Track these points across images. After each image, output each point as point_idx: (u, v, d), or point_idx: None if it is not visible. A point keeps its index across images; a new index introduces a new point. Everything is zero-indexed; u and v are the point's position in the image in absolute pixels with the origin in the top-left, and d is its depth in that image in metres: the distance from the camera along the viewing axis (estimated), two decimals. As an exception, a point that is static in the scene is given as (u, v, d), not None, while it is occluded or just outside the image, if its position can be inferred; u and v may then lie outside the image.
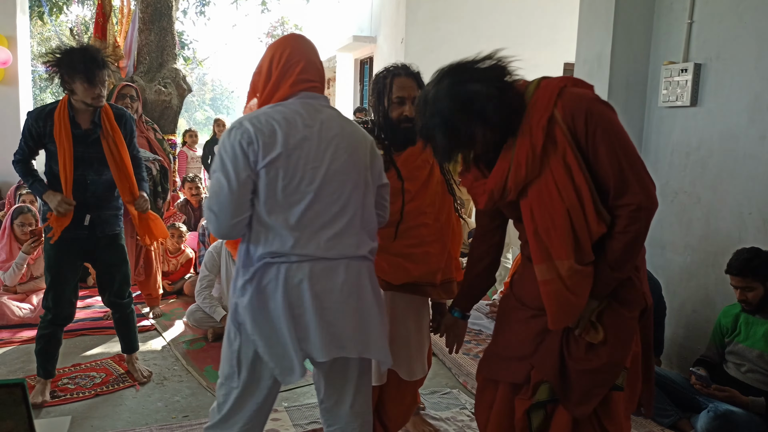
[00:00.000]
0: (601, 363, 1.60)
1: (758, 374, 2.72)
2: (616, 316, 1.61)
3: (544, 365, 1.65)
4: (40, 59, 8.99)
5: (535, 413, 1.67)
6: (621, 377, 1.63)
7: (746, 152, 3.06)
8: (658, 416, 2.84)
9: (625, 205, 1.51)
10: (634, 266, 1.59)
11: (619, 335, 1.61)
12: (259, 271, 1.61)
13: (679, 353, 3.43)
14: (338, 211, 1.65)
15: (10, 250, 4.17)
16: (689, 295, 3.38)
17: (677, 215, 3.47)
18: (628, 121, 3.68)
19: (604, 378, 1.62)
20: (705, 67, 3.27)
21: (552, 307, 1.58)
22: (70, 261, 2.92)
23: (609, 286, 1.58)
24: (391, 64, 2.23)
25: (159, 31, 7.14)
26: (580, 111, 1.51)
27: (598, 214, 1.52)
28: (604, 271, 1.56)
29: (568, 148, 1.51)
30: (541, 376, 1.66)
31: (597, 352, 1.60)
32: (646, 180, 1.53)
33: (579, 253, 1.54)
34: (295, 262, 1.59)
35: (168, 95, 6.97)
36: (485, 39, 8.23)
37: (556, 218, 1.53)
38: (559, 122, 1.52)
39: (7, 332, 3.81)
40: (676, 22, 3.44)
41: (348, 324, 1.64)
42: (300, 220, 1.60)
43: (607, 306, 1.61)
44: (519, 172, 1.55)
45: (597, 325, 1.60)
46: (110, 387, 3.09)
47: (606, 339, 1.60)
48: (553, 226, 1.54)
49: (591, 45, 3.79)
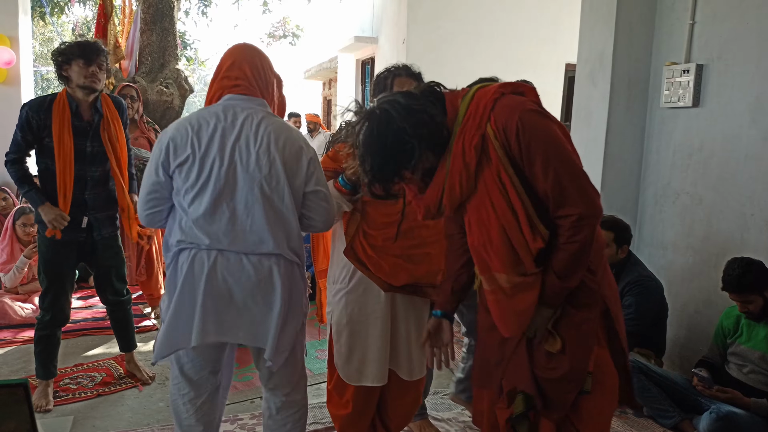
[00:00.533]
0: (563, 372, 1.59)
1: (760, 375, 2.72)
2: (572, 324, 1.59)
3: (516, 375, 1.66)
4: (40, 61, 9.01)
5: (520, 425, 1.66)
6: (587, 382, 1.61)
7: (748, 153, 3.06)
8: (660, 417, 2.84)
9: (566, 216, 1.49)
10: (581, 275, 1.55)
11: (578, 342, 1.59)
12: (175, 255, 1.82)
13: (681, 354, 3.43)
14: (243, 209, 1.76)
15: (11, 251, 4.17)
16: (691, 296, 3.37)
17: (679, 216, 3.47)
18: (629, 122, 3.68)
19: (568, 385, 1.60)
20: (707, 67, 3.27)
21: (496, 316, 1.61)
22: (67, 263, 2.88)
23: (559, 296, 1.56)
24: (392, 64, 2.23)
25: (161, 32, 7.13)
26: (512, 124, 1.46)
27: (533, 230, 1.50)
28: (553, 281, 1.53)
29: (501, 165, 1.48)
30: (514, 386, 1.66)
31: (558, 361, 1.59)
32: (588, 189, 1.50)
33: (518, 266, 1.53)
34: (203, 249, 1.77)
35: (170, 96, 6.97)
36: (486, 39, 8.26)
37: (492, 234, 1.53)
38: (491, 139, 1.49)
39: (8, 332, 3.82)
40: (677, 23, 3.44)
41: (239, 313, 1.78)
42: (208, 214, 1.75)
43: (563, 314, 1.59)
44: (453, 192, 1.54)
45: (555, 334, 1.59)
46: (112, 387, 3.09)
47: (564, 347, 1.58)
48: (489, 241, 1.53)
49: (592, 45, 3.79)
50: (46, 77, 19.03)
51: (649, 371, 2.91)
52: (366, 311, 2.14)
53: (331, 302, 2.23)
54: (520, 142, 1.46)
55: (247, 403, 2.98)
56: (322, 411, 2.83)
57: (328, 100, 15.20)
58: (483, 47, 8.11)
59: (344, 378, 2.19)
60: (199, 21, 25.84)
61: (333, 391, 2.30)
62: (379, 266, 2.09)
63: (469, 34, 8.09)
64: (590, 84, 3.79)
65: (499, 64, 7.94)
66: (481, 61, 8.08)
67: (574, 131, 4.01)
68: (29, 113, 2.67)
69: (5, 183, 5.84)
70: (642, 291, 3.08)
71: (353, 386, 2.19)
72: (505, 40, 8.18)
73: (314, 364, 3.48)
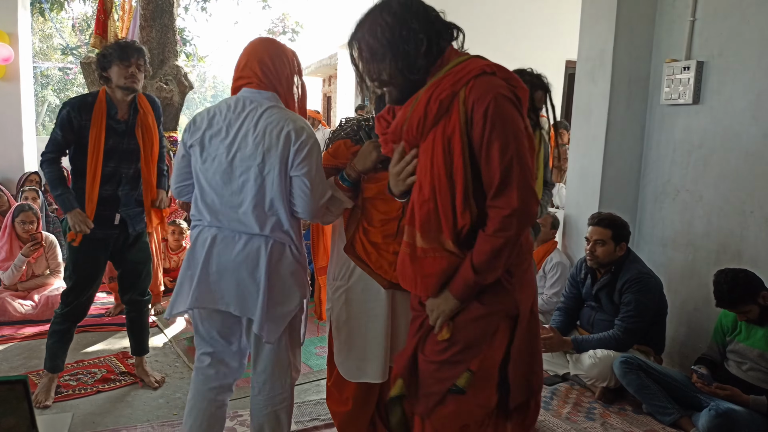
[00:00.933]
0: (441, 359, 1.57)
1: (760, 373, 2.72)
2: (470, 318, 1.56)
3: (400, 358, 1.67)
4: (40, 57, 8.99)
5: (392, 410, 1.64)
6: (463, 378, 1.55)
7: (748, 150, 3.06)
8: (659, 414, 2.85)
9: (500, 207, 1.46)
10: (498, 275, 1.51)
11: (468, 336, 1.56)
12: (193, 229, 2.05)
13: (681, 351, 3.43)
14: (238, 193, 1.92)
15: (10, 249, 4.17)
16: (691, 293, 3.38)
17: (679, 213, 3.47)
18: (630, 119, 3.68)
19: (441, 375, 1.57)
20: (707, 64, 3.27)
21: (400, 269, 1.64)
22: (98, 261, 2.88)
23: (470, 288, 1.52)
24: None
25: (160, 28, 7.12)
26: (484, 101, 1.44)
27: (466, 204, 1.48)
28: (467, 273, 1.50)
29: (457, 131, 1.46)
30: (396, 371, 1.66)
31: (443, 348, 1.57)
32: (530, 191, 1.47)
33: (437, 234, 1.52)
34: (206, 226, 1.99)
35: (169, 92, 6.96)
36: (486, 36, 8.21)
37: (424, 188, 1.53)
38: (460, 103, 1.47)
39: (8, 329, 3.82)
40: (678, 20, 3.44)
41: (229, 285, 1.95)
42: (210, 196, 1.95)
43: (467, 306, 1.56)
44: (410, 131, 1.55)
45: (449, 323, 1.57)
46: (112, 384, 3.09)
47: (454, 338, 1.56)
48: (419, 194, 1.54)
49: (593, 42, 3.78)
50: (46, 74, 19.02)
51: (648, 368, 2.91)
52: (366, 308, 2.14)
53: (331, 299, 2.23)
54: (485, 121, 1.44)
55: (247, 399, 2.98)
56: (321, 408, 2.83)
57: (328, 96, 15.19)
58: (483, 44, 8.00)
59: (344, 375, 2.19)
60: (198, 17, 25.82)
61: (333, 388, 2.30)
62: (379, 263, 2.09)
63: (468, 31, 7.94)
64: (590, 81, 3.79)
65: (499, 60, 7.92)
66: (481, 58, 8.08)
67: (575, 128, 4.01)
68: (71, 113, 2.67)
69: (6, 179, 5.84)
70: (641, 288, 3.08)
71: (353, 383, 2.19)
72: (505, 37, 8.16)
73: (314, 360, 3.48)
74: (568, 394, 3.14)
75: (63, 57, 17.49)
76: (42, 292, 4.15)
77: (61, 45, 17.51)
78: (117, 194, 2.82)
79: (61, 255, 4.43)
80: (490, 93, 1.45)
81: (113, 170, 2.78)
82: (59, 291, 4.14)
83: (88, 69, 6.65)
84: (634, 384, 2.90)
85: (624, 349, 3.08)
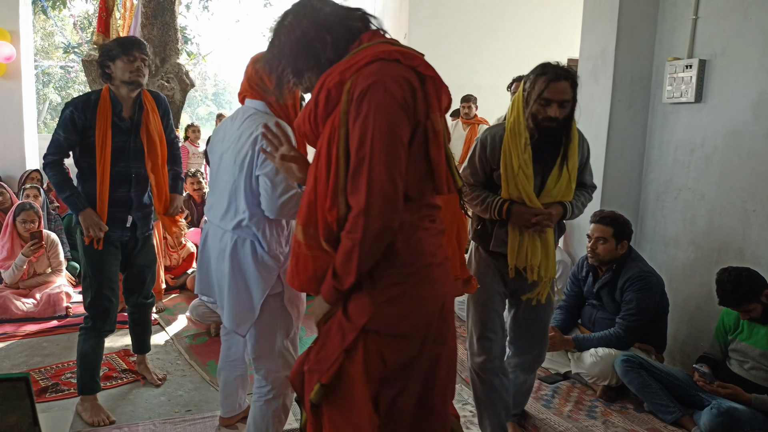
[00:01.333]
0: (306, 367, 1.49)
1: (762, 371, 2.72)
2: (331, 325, 1.46)
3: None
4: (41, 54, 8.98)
5: (301, 409, 1.57)
6: (314, 392, 1.44)
7: (751, 149, 3.05)
8: (660, 412, 2.85)
9: (353, 205, 1.34)
10: (351, 281, 1.38)
11: (326, 344, 1.46)
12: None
13: (683, 350, 3.43)
14: (219, 193, 2.14)
15: (11, 247, 4.17)
16: (692, 291, 3.37)
17: (681, 212, 3.46)
18: (631, 118, 3.67)
19: (302, 381, 1.51)
20: (710, 63, 3.26)
21: (291, 262, 1.55)
22: (115, 266, 2.78)
23: (333, 292, 1.41)
24: None
25: (162, 26, 7.12)
26: (361, 88, 1.33)
27: (334, 200, 1.38)
28: (329, 276, 1.41)
29: (338, 120, 1.37)
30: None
31: (308, 353, 1.52)
32: (379, 194, 1.32)
33: (311, 227, 1.44)
34: (209, 224, 2.25)
35: (171, 90, 6.96)
36: (488, 34, 8.23)
37: (308, 181, 1.46)
38: (344, 92, 1.37)
39: (10, 326, 3.83)
40: (680, 18, 3.43)
41: (212, 277, 2.22)
42: (210, 197, 2.23)
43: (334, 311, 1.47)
44: (304, 123, 1.50)
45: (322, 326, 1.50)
46: (114, 381, 3.10)
47: (314, 345, 1.50)
48: (306, 189, 1.48)
49: (595, 41, 3.78)
50: (47, 71, 19.02)
51: (650, 367, 2.91)
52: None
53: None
54: (357, 109, 1.33)
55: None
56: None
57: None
58: (484, 42, 8.08)
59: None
60: (200, 15, 25.80)
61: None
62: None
63: (470, 29, 8.07)
64: (592, 80, 3.78)
65: (500, 59, 7.94)
66: (482, 56, 8.07)
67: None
68: (74, 112, 2.58)
69: (7, 176, 5.84)
70: (642, 287, 3.08)
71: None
72: (507, 35, 8.15)
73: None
74: (570, 393, 3.14)
75: (65, 55, 17.52)
76: (43, 290, 4.15)
77: (63, 43, 17.52)
78: (130, 195, 2.74)
79: (63, 253, 4.43)
80: (371, 79, 1.34)
81: (123, 170, 2.69)
82: (60, 289, 4.15)
83: (89, 67, 6.65)
84: (636, 382, 2.90)
85: (625, 347, 3.08)
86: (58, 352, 3.47)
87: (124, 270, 2.92)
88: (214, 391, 3.00)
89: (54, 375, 3.13)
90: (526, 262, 2.32)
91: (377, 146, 1.32)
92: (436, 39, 7.88)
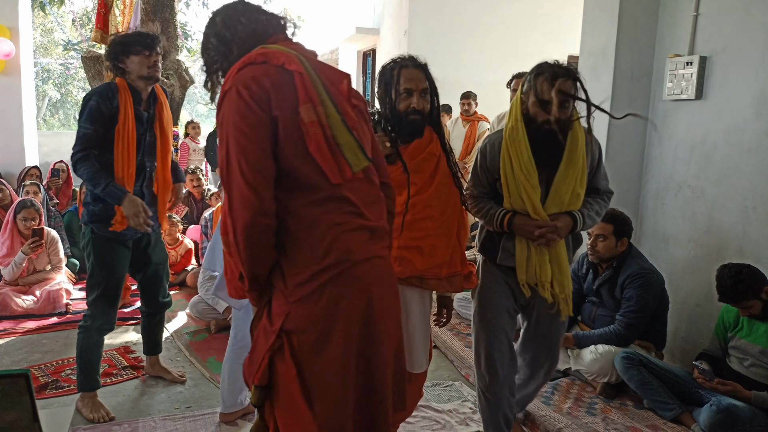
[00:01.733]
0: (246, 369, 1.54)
1: (761, 369, 2.72)
2: (259, 328, 1.50)
3: None
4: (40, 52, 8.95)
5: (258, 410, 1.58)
6: (252, 395, 1.48)
7: (751, 146, 3.05)
8: (660, 409, 2.85)
9: None
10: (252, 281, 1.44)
11: (255, 347, 1.51)
12: None
13: (682, 347, 3.43)
14: None
15: (12, 245, 4.16)
16: (692, 289, 3.37)
17: (681, 209, 3.46)
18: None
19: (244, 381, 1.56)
20: (710, 60, 3.25)
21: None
22: (124, 266, 2.74)
23: (243, 296, 1.49)
24: (398, 55, 2.20)
25: (161, 22, 7.12)
26: (221, 97, 1.42)
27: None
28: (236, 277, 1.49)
29: None
30: None
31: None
32: (236, 200, 1.36)
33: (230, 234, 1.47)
34: None
35: (170, 87, 6.96)
36: (488, 31, 8.22)
37: None
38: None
39: (9, 323, 3.83)
40: (681, 15, 3.42)
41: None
42: None
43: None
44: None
45: None
46: (114, 378, 3.10)
47: (251, 348, 1.53)
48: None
49: (596, 37, 3.77)
50: (47, 68, 18.99)
51: (649, 364, 2.91)
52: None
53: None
54: (219, 114, 1.42)
55: (248, 394, 2.99)
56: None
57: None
58: (485, 39, 8.07)
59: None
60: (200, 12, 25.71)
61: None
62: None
63: (471, 26, 8.05)
64: (593, 77, 3.77)
65: (500, 55, 7.93)
66: (482, 53, 8.06)
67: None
68: (100, 102, 2.50)
69: (7, 173, 5.83)
70: (642, 284, 3.08)
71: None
72: (507, 32, 8.14)
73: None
74: (569, 390, 3.14)
75: (64, 52, 17.49)
76: (43, 287, 4.15)
77: (62, 40, 17.49)
78: (142, 191, 2.69)
79: (63, 250, 4.43)
80: (226, 86, 1.42)
81: (140, 164, 2.65)
82: (60, 286, 4.15)
83: (89, 64, 6.64)
84: (635, 379, 2.90)
85: (625, 344, 3.08)
86: (57, 348, 3.47)
87: (139, 272, 2.87)
88: (214, 388, 3.00)
89: (54, 372, 3.13)
90: (537, 278, 2.18)
91: (232, 149, 1.36)
92: (436, 36, 7.87)
